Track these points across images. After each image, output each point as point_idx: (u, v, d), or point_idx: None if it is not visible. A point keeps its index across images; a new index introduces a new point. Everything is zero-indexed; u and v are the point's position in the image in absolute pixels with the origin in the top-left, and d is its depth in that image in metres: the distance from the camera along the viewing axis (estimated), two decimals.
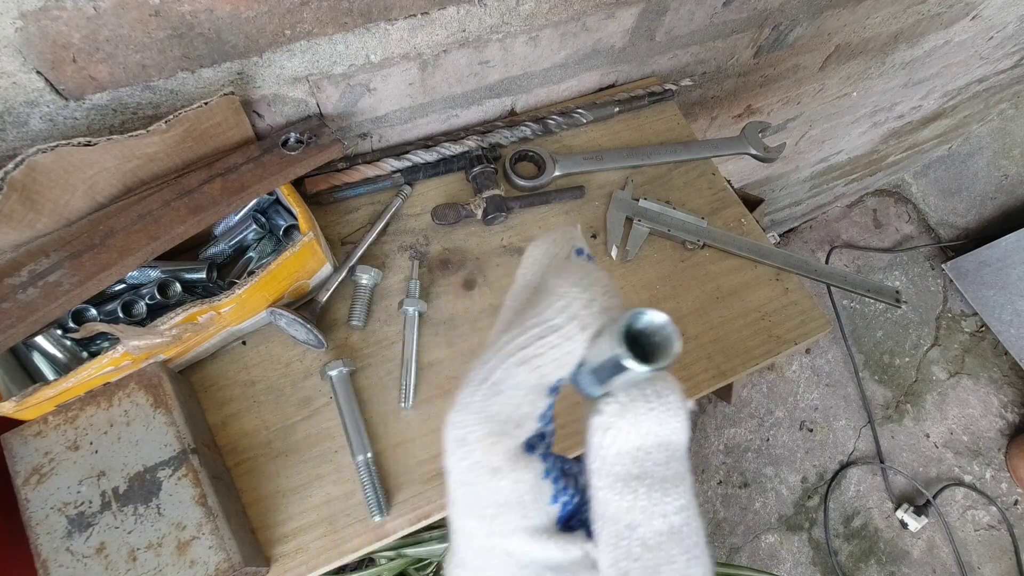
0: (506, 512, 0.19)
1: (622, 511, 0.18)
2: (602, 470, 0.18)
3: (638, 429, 0.18)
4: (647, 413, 0.18)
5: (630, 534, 0.18)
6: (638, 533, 0.18)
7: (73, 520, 0.43)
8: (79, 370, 0.44)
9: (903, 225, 2.36)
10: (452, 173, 0.66)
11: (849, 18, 0.91)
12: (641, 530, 0.18)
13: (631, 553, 0.18)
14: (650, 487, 0.18)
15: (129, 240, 0.45)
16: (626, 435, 0.18)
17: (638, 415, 0.18)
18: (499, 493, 0.18)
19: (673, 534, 0.18)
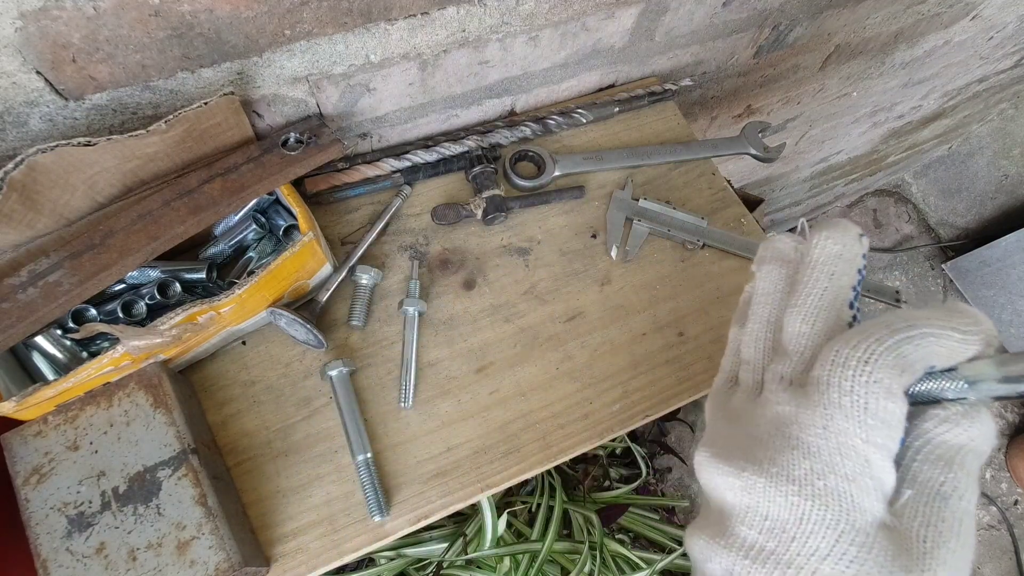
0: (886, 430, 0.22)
1: (936, 481, 0.23)
2: (924, 449, 0.23)
3: (969, 433, 0.23)
4: (980, 424, 0.23)
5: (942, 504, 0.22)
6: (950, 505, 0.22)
7: (73, 520, 0.43)
8: (79, 370, 0.44)
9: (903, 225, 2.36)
10: (452, 173, 0.66)
11: (849, 18, 0.91)
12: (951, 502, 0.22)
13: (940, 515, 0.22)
14: (967, 475, 0.23)
15: (129, 240, 0.45)
16: (956, 434, 0.23)
17: (973, 422, 0.23)
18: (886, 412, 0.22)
19: (966, 518, 0.22)
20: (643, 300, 0.63)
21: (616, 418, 0.58)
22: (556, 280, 0.63)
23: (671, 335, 0.62)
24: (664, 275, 0.65)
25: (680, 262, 0.66)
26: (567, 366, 0.59)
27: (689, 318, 0.63)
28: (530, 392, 0.58)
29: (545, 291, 0.62)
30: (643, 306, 0.63)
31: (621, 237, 0.66)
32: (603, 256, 0.65)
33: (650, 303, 0.63)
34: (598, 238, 0.66)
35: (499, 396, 0.57)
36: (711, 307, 0.64)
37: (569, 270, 0.64)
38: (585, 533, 1.04)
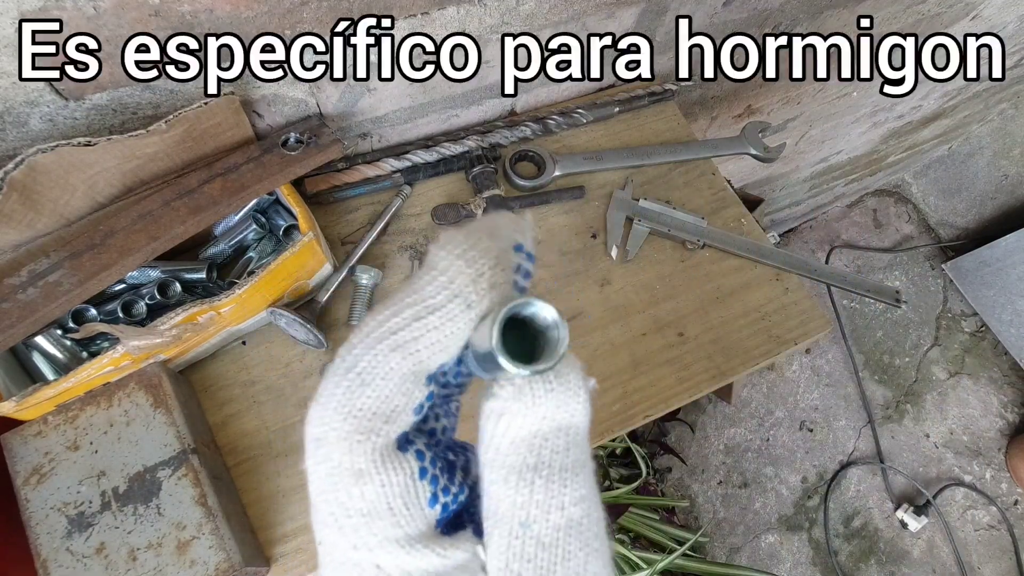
0: (373, 521, 0.16)
1: (516, 507, 0.16)
2: (495, 462, 0.17)
3: (535, 413, 0.16)
4: (545, 395, 0.16)
5: (524, 532, 0.16)
6: (533, 530, 0.16)
7: (73, 520, 0.43)
8: (79, 370, 0.44)
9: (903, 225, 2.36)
10: (452, 173, 0.66)
11: (849, 18, 0.91)
12: (536, 527, 0.16)
13: (524, 553, 0.16)
14: (548, 478, 0.16)
15: (129, 240, 0.45)
16: (522, 420, 0.16)
17: (536, 398, 0.16)
18: (364, 500, 0.16)
19: (571, 528, 0.16)
20: (643, 300, 0.63)
21: (616, 418, 0.57)
22: (556, 280, 0.63)
23: (671, 335, 0.62)
24: (664, 275, 0.65)
25: (680, 262, 0.66)
26: None
27: (689, 318, 0.63)
28: None
29: (545, 291, 0.62)
30: (643, 306, 0.63)
31: (621, 237, 0.66)
32: (603, 256, 0.65)
33: (650, 303, 0.63)
34: (598, 238, 0.66)
35: None
36: (711, 307, 0.64)
37: (569, 270, 0.64)
38: None
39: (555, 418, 0.17)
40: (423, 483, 0.17)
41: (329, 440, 0.16)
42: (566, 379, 0.17)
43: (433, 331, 0.17)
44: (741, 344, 0.62)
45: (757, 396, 1.93)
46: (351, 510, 0.16)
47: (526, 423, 0.17)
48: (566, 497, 0.16)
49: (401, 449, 0.17)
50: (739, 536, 1.74)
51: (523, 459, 0.16)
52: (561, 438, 0.17)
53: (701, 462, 1.81)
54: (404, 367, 0.16)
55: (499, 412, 0.17)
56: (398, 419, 0.17)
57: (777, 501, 1.80)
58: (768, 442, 1.87)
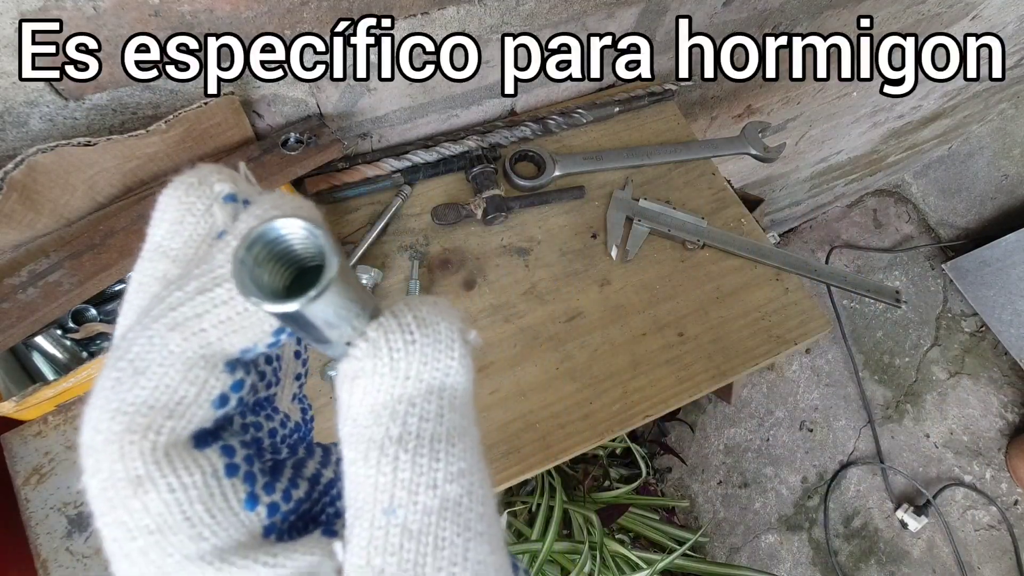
0: (165, 538, 0.13)
1: (378, 489, 0.13)
2: (353, 436, 0.14)
3: (396, 372, 0.14)
4: (405, 349, 0.14)
5: (388, 520, 0.13)
6: (399, 516, 0.13)
7: (73, 520, 0.43)
8: (79, 370, 0.44)
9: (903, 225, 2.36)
10: (452, 173, 0.66)
11: (849, 18, 0.91)
12: (403, 512, 0.13)
13: (388, 545, 0.13)
14: (416, 451, 0.13)
15: (129, 240, 0.45)
16: (380, 382, 0.14)
17: (393, 352, 0.14)
18: (148, 513, 0.13)
19: (446, 510, 0.13)
20: (643, 300, 0.63)
21: (616, 418, 0.57)
22: (556, 280, 0.63)
23: (671, 335, 0.62)
24: (664, 275, 0.65)
25: (680, 262, 0.66)
26: (567, 366, 0.59)
27: (689, 318, 0.63)
28: (530, 392, 0.58)
29: (545, 291, 0.62)
30: (643, 306, 0.63)
31: (621, 237, 0.66)
32: (603, 256, 0.65)
33: (650, 303, 0.63)
34: (598, 238, 0.66)
35: (499, 396, 0.57)
36: (711, 307, 0.64)
37: (569, 270, 0.64)
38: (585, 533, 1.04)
39: (422, 378, 0.14)
40: (233, 481, 0.14)
41: (96, 446, 0.13)
42: (433, 328, 0.14)
43: (222, 306, 0.13)
44: (741, 344, 0.62)
45: (757, 396, 1.93)
46: (135, 529, 0.13)
47: (385, 385, 0.14)
48: (439, 473, 0.13)
49: (198, 447, 0.14)
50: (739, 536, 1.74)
51: (385, 430, 0.13)
52: (432, 402, 0.14)
53: (701, 462, 1.81)
54: (188, 349, 0.13)
55: (353, 374, 0.14)
56: (186, 413, 0.13)
57: (777, 501, 1.80)
58: (768, 442, 1.87)
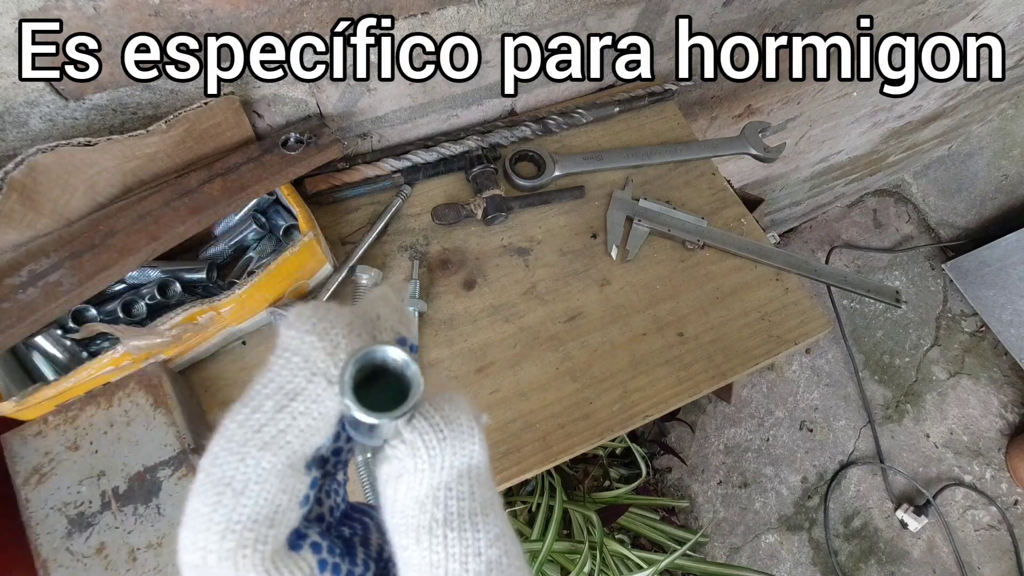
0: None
1: (433, 566, 0.15)
2: (403, 525, 0.16)
3: (433, 466, 0.16)
4: (439, 445, 0.16)
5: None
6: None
7: (73, 520, 0.43)
8: (79, 370, 0.44)
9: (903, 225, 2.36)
10: (452, 173, 0.66)
11: (849, 18, 0.91)
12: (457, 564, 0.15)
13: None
14: (460, 529, 0.16)
15: (129, 240, 0.45)
16: (421, 477, 0.16)
17: (430, 450, 0.16)
18: None
19: (492, 570, 0.16)
20: (643, 300, 0.63)
21: (616, 418, 0.57)
22: (556, 280, 0.63)
23: (671, 335, 0.62)
24: (664, 275, 0.65)
25: (680, 262, 0.66)
26: (567, 366, 0.59)
27: (689, 318, 0.63)
28: (530, 392, 0.58)
29: (545, 291, 0.62)
30: (643, 306, 0.63)
31: (621, 237, 0.66)
32: (603, 256, 0.65)
33: (650, 303, 0.63)
34: (598, 238, 0.66)
35: (499, 396, 0.57)
36: (711, 307, 0.64)
37: (569, 270, 0.64)
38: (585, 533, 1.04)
39: (454, 465, 0.16)
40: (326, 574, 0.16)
41: (210, 564, 0.14)
42: (456, 423, 0.16)
43: (300, 417, 0.15)
44: (741, 344, 0.62)
45: (757, 396, 1.93)
46: None
47: (425, 478, 0.16)
48: (481, 542, 0.16)
49: (294, 548, 0.15)
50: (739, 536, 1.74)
51: (431, 516, 0.16)
52: (465, 484, 0.16)
53: (701, 462, 1.81)
54: (278, 464, 0.15)
55: (397, 474, 0.16)
56: (283, 520, 0.15)
57: (777, 501, 1.80)
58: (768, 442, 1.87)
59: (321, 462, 0.17)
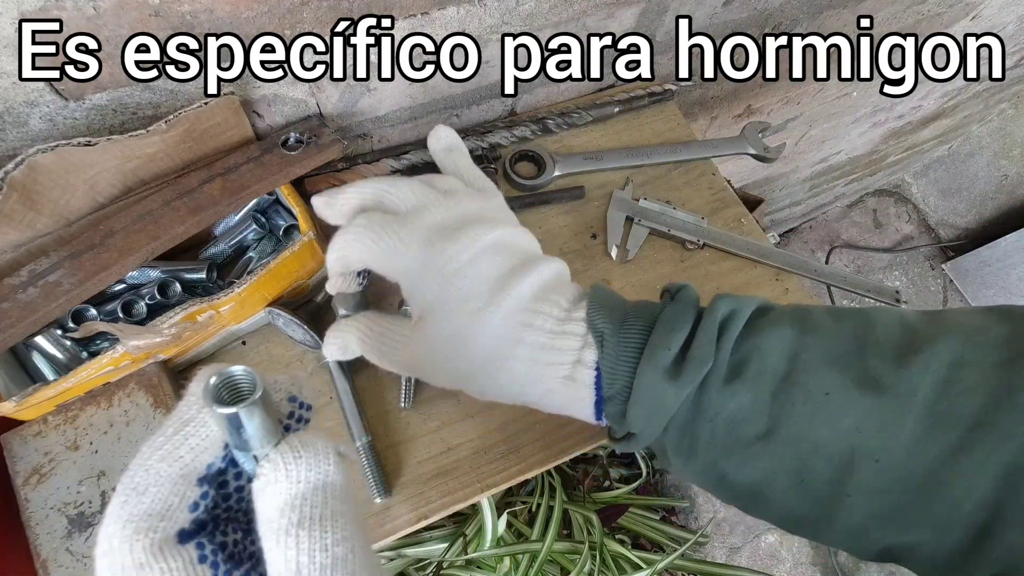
0: None
1: (289, 560, 0.19)
2: (268, 531, 0.19)
3: (291, 478, 0.20)
4: (295, 462, 0.20)
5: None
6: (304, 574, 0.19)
7: (73, 520, 0.43)
8: (79, 370, 0.44)
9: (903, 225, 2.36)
10: None
11: (849, 18, 0.91)
12: (306, 571, 0.19)
13: None
14: (310, 529, 0.19)
15: (129, 240, 0.45)
16: (281, 487, 0.20)
17: (287, 464, 0.20)
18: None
19: (336, 563, 0.19)
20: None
21: None
22: None
23: None
24: (664, 275, 0.65)
25: (680, 262, 0.66)
26: None
27: None
28: None
29: None
30: None
31: (621, 237, 0.66)
32: (603, 256, 0.65)
33: None
34: (598, 238, 0.66)
35: None
36: None
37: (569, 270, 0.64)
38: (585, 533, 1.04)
39: (309, 479, 0.20)
40: (203, 567, 0.19)
41: (113, 547, 0.18)
42: (312, 446, 0.20)
43: (191, 438, 0.20)
44: None
45: None
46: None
47: (285, 488, 0.20)
48: (328, 539, 0.19)
49: (181, 542, 0.19)
50: (739, 536, 1.74)
51: (288, 519, 0.19)
52: (319, 495, 0.20)
53: None
54: (173, 471, 0.20)
55: (263, 486, 0.20)
56: (173, 516, 0.19)
57: None
58: None
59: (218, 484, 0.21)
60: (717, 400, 0.32)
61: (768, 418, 0.31)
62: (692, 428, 0.33)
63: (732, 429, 0.32)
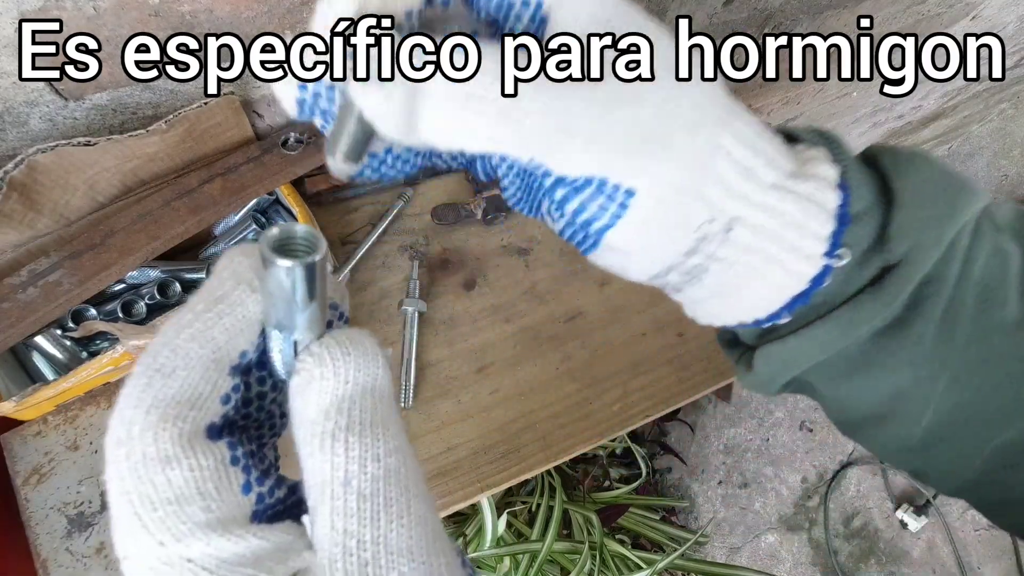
0: (182, 508, 0.15)
1: (335, 468, 0.16)
2: (309, 433, 0.17)
3: (339, 376, 0.17)
4: (344, 359, 0.17)
5: (345, 490, 0.16)
6: (353, 485, 0.16)
7: (73, 520, 0.43)
8: (79, 370, 0.44)
9: None
10: (452, 173, 0.66)
11: (849, 18, 0.91)
12: (356, 481, 0.16)
13: (347, 509, 0.16)
14: (360, 434, 0.17)
15: (129, 240, 0.45)
16: (328, 386, 0.17)
17: (335, 362, 0.17)
18: (171, 487, 0.15)
19: (389, 476, 0.17)
20: (643, 300, 0.63)
21: (616, 418, 0.57)
22: (556, 280, 0.63)
23: (671, 335, 0.62)
24: None
25: None
26: (567, 366, 0.59)
27: (689, 318, 0.63)
28: (530, 392, 0.58)
29: (545, 291, 0.62)
30: (643, 306, 0.63)
31: None
32: None
33: (650, 303, 0.63)
34: None
35: (499, 396, 0.57)
36: None
37: (569, 270, 0.64)
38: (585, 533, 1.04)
39: (358, 381, 0.18)
40: (235, 469, 0.17)
41: (133, 435, 0.15)
42: (361, 344, 0.18)
43: (225, 316, 0.17)
44: None
45: (757, 396, 1.93)
46: (157, 501, 0.15)
47: (332, 387, 0.17)
48: (380, 449, 0.17)
49: (211, 438, 0.17)
50: (739, 536, 1.74)
51: (335, 422, 0.17)
52: (368, 399, 0.18)
53: (701, 462, 1.81)
54: (204, 354, 0.17)
55: (306, 383, 0.17)
56: (204, 406, 0.17)
57: (777, 501, 1.80)
58: (768, 442, 1.87)
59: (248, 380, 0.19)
60: None
61: None
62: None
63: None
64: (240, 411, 0.19)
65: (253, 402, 0.19)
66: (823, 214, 0.21)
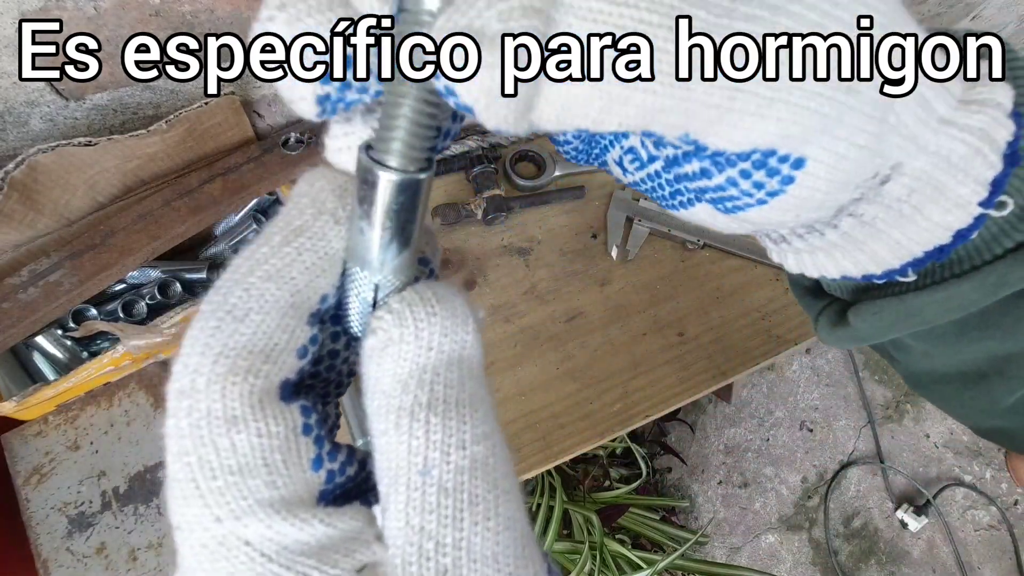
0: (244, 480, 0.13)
1: (413, 453, 0.14)
2: (383, 407, 0.14)
3: (420, 343, 0.15)
4: (428, 320, 0.15)
5: (424, 481, 0.14)
6: (433, 476, 0.14)
7: (73, 520, 0.43)
8: (79, 370, 0.44)
9: None
10: (452, 173, 0.66)
11: None
12: (437, 471, 0.14)
13: (426, 503, 0.14)
14: (444, 415, 0.14)
15: (129, 240, 0.45)
16: (406, 351, 0.14)
17: (418, 323, 0.15)
18: (235, 454, 0.13)
19: (476, 468, 0.15)
20: (643, 300, 0.63)
21: (616, 418, 0.58)
22: (556, 280, 0.63)
23: (671, 335, 0.62)
24: (664, 275, 0.65)
25: (680, 262, 0.66)
26: (567, 366, 0.59)
27: (689, 318, 0.63)
28: (530, 392, 0.58)
29: (545, 291, 0.62)
30: (643, 306, 0.63)
31: (621, 237, 0.66)
32: (603, 256, 0.65)
33: (650, 303, 0.63)
34: (598, 238, 0.66)
35: (499, 396, 0.57)
36: (711, 307, 0.64)
37: (569, 270, 0.64)
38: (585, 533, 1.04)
39: (444, 349, 0.15)
40: (307, 440, 0.14)
41: (198, 387, 0.13)
42: (450, 304, 0.15)
43: (306, 253, 0.15)
44: (741, 344, 0.62)
45: (757, 396, 1.93)
46: (218, 468, 0.13)
47: (411, 354, 0.15)
48: (467, 435, 0.15)
49: (284, 400, 0.14)
50: (739, 536, 1.74)
51: (414, 397, 0.14)
52: (454, 371, 0.15)
53: (701, 462, 1.81)
54: (282, 297, 0.15)
55: (382, 346, 0.15)
56: (279, 359, 0.14)
57: (777, 501, 1.80)
58: (768, 442, 1.87)
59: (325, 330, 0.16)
60: None
61: None
62: None
63: None
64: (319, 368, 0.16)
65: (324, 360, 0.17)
66: (992, 154, 0.18)
